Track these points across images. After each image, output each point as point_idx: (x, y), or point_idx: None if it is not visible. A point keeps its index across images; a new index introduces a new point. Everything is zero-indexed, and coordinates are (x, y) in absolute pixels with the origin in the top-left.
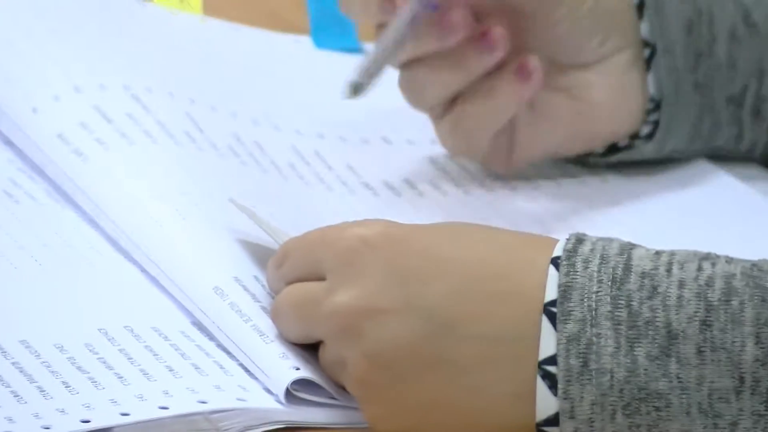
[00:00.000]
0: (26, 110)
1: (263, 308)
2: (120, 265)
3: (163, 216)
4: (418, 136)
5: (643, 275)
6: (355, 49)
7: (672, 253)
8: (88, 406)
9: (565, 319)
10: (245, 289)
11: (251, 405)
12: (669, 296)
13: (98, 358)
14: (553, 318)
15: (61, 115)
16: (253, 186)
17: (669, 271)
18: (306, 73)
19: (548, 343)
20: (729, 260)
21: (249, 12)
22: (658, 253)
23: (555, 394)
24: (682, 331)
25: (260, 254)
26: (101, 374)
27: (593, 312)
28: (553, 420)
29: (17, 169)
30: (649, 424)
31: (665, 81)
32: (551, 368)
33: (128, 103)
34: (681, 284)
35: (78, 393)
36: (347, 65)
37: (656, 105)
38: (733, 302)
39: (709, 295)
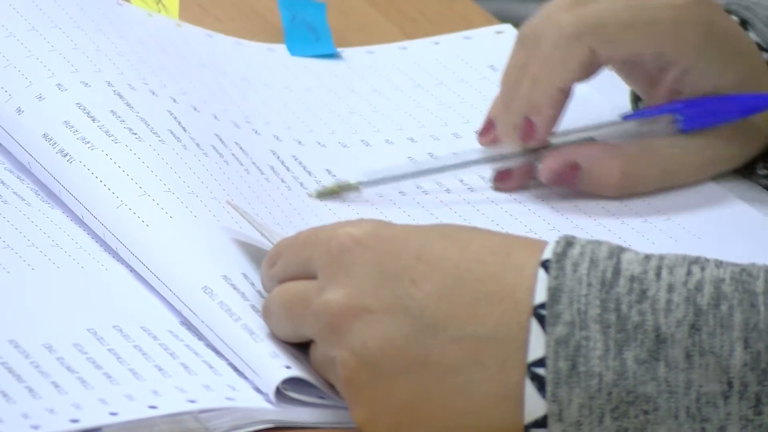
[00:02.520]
0: (11, 111)
1: (253, 307)
2: (108, 265)
3: (150, 215)
4: (396, 136)
5: (632, 279)
6: (331, 55)
7: (661, 257)
8: (77, 406)
9: (554, 322)
10: (234, 287)
11: (240, 404)
12: (658, 300)
13: (87, 358)
14: (542, 320)
15: (46, 114)
16: (237, 185)
17: (658, 275)
18: (282, 80)
19: (537, 345)
20: (719, 264)
21: (229, 12)
22: (647, 257)
23: (543, 396)
24: (671, 335)
25: (250, 252)
26: (90, 374)
27: (582, 315)
28: (542, 422)
29: (5, 169)
30: (637, 428)
31: None
32: (540, 370)
33: (112, 100)
34: (670, 288)
35: (67, 393)
36: (323, 71)
37: None
38: (722, 307)
39: (698, 300)
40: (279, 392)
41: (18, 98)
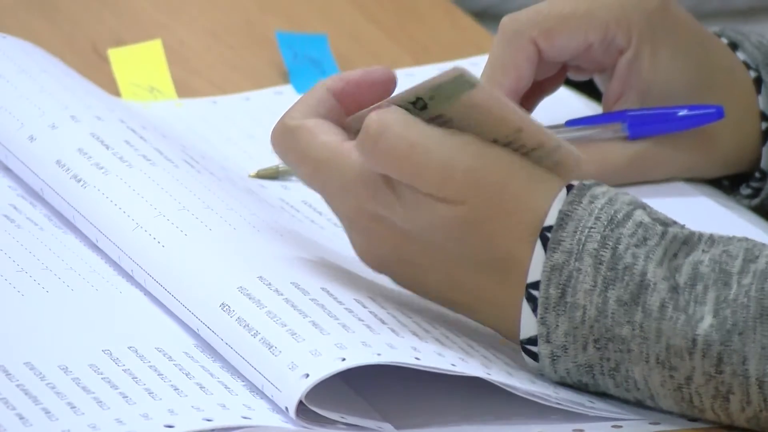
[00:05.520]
0: (23, 139)
1: (269, 313)
2: (122, 288)
3: (166, 235)
4: None
5: (640, 225)
6: None
7: (673, 223)
8: (93, 427)
9: (555, 248)
10: (250, 297)
11: (256, 423)
12: (655, 252)
13: (103, 378)
14: (545, 243)
15: (59, 142)
16: (253, 207)
17: (664, 234)
18: None
19: (536, 268)
20: (708, 246)
21: (241, 40)
22: (663, 219)
23: (537, 316)
24: (653, 284)
25: (269, 248)
26: (106, 394)
27: (581, 246)
28: (534, 341)
29: (17, 195)
30: (617, 361)
31: None
32: (535, 292)
33: (125, 132)
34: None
35: (83, 414)
36: None
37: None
38: (698, 287)
39: (677, 278)
40: (300, 409)
41: (30, 126)
